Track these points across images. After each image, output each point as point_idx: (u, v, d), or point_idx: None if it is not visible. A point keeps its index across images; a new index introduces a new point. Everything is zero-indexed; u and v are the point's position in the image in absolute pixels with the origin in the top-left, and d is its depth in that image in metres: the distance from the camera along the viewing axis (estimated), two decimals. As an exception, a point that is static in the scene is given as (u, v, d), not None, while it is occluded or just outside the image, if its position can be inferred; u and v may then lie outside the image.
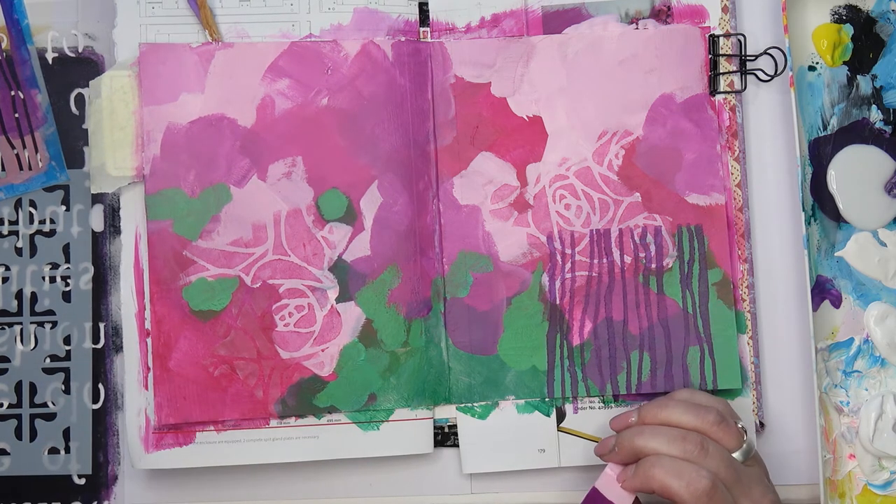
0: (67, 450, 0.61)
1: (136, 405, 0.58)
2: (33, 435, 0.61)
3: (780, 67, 0.62)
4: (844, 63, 0.62)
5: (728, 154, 0.61)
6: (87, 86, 0.60)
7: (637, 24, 0.62)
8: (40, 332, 0.61)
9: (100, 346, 0.61)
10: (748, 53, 0.61)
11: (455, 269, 0.60)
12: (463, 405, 0.60)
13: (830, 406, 0.60)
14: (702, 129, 0.61)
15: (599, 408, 0.60)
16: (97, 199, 0.62)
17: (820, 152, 0.62)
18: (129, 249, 0.59)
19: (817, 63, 0.62)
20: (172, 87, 0.59)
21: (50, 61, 0.62)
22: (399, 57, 0.60)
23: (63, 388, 0.61)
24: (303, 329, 0.59)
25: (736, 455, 0.53)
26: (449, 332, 0.60)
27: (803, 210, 0.59)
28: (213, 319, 0.59)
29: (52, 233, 0.62)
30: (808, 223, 0.61)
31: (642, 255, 0.60)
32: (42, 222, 0.62)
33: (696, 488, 0.50)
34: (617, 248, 0.60)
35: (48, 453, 0.61)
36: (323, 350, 0.59)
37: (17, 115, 0.61)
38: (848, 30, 0.62)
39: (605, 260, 0.60)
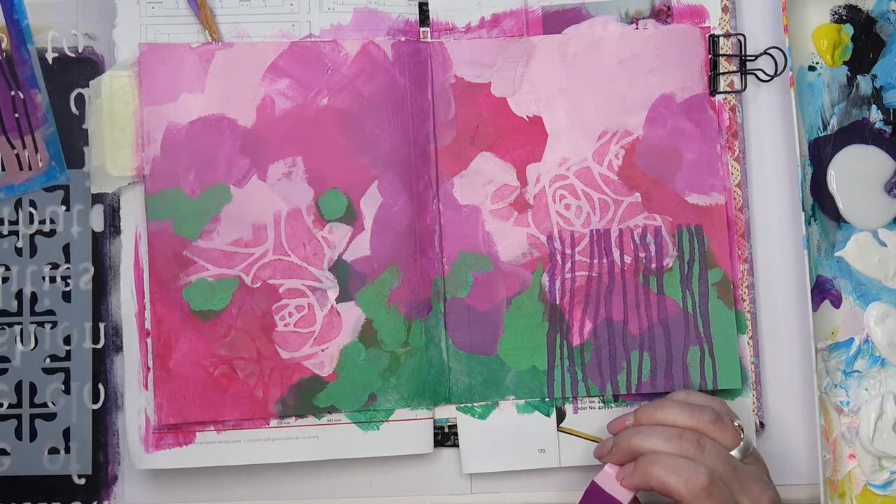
0: (67, 450, 0.61)
1: (136, 405, 0.58)
2: (33, 435, 0.61)
3: (780, 67, 0.62)
4: (844, 63, 0.62)
5: (728, 154, 0.61)
6: (87, 86, 0.60)
7: (637, 24, 0.62)
8: (40, 332, 0.61)
9: (100, 346, 0.61)
10: (748, 53, 0.61)
11: (455, 269, 0.60)
12: (463, 405, 0.60)
13: (830, 406, 0.60)
14: (702, 129, 0.61)
15: (599, 408, 0.60)
16: (97, 199, 0.62)
17: (820, 152, 0.62)
18: (129, 249, 0.59)
19: (817, 63, 0.62)
20: (172, 87, 0.59)
21: (50, 61, 0.62)
22: (399, 57, 0.60)
23: (63, 388, 0.61)
24: (303, 329, 0.59)
25: (734, 453, 0.53)
26: (449, 332, 0.60)
27: (803, 210, 0.59)
28: (213, 319, 0.59)
29: (52, 233, 0.62)
30: (808, 223, 0.61)
31: (642, 255, 0.60)
32: (42, 222, 0.62)
33: (695, 484, 0.50)
34: (617, 248, 0.60)
35: (48, 453, 0.61)
36: (323, 350, 0.59)
37: (17, 115, 0.61)
38: (848, 30, 0.62)
39: (605, 260, 0.60)
